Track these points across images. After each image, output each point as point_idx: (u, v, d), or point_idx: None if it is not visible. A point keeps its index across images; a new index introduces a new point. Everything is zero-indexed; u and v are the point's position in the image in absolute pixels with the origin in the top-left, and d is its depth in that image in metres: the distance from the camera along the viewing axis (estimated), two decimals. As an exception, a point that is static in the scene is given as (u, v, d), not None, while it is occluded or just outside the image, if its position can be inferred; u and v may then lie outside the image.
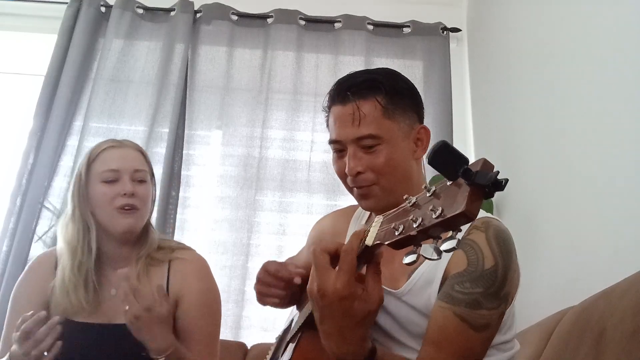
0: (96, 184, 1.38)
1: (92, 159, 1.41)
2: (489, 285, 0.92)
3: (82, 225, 1.38)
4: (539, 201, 1.84)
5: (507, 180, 0.58)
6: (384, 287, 1.00)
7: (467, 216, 0.58)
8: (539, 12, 1.96)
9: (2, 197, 2.45)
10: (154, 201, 1.50)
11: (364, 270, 0.82)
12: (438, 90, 2.65)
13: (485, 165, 0.59)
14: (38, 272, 1.41)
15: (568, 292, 1.52)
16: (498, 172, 0.58)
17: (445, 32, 2.79)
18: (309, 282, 0.81)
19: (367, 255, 0.79)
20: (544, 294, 1.70)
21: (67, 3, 2.73)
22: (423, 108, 1.15)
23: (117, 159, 1.40)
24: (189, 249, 1.52)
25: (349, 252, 0.78)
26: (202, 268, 1.47)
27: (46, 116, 2.53)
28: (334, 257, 0.80)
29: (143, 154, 1.48)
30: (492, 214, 2.14)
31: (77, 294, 1.34)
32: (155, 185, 1.51)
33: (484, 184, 0.57)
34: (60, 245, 1.40)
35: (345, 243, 0.80)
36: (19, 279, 1.45)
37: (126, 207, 1.36)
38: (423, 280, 0.98)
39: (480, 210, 1.05)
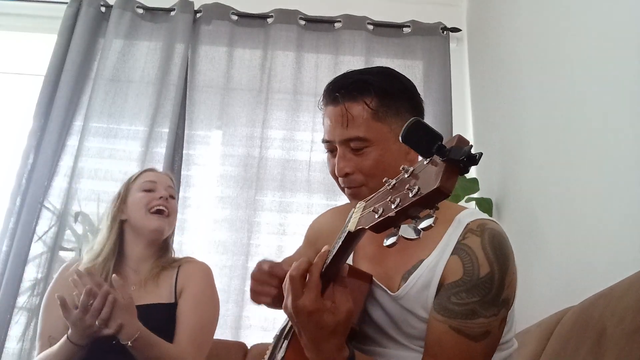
0: (136, 192, 1.65)
1: (132, 179, 1.71)
2: (486, 293, 0.91)
3: (115, 235, 1.63)
4: (539, 201, 1.84)
5: (481, 154, 0.58)
6: (380, 285, 1.01)
7: (443, 192, 0.59)
8: (539, 11, 1.96)
9: (2, 197, 2.45)
10: (175, 221, 1.73)
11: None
12: (438, 90, 2.65)
13: (460, 140, 0.59)
14: (67, 280, 1.53)
15: (568, 292, 1.52)
16: (472, 145, 0.58)
17: (445, 32, 2.79)
18: (284, 302, 0.89)
19: (334, 271, 0.86)
20: (544, 294, 1.70)
21: (67, 3, 2.73)
22: (422, 108, 1.13)
23: (154, 175, 1.72)
24: (196, 259, 1.75)
25: (313, 272, 0.85)
26: (205, 270, 1.68)
27: (46, 116, 2.53)
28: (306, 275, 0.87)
29: (173, 180, 1.78)
30: (491, 214, 2.17)
31: None
32: (176, 213, 1.75)
33: (458, 158, 0.57)
34: (91, 254, 1.62)
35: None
36: (50, 286, 1.65)
37: (159, 209, 1.62)
38: (420, 284, 0.97)
39: (477, 210, 1.06)
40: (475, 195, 2.32)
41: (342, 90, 1.06)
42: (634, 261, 1.18)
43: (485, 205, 2.20)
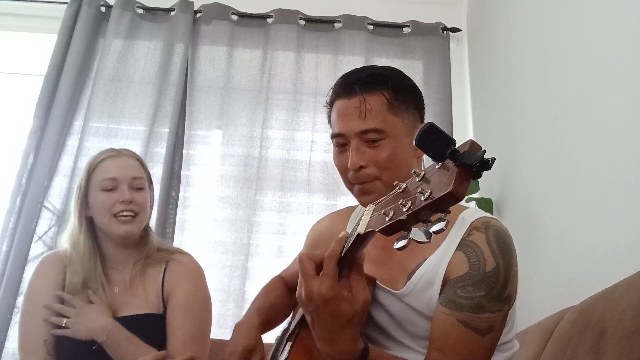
0: (96, 192, 1.47)
1: (91, 169, 1.50)
2: (491, 288, 0.92)
3: (86, 233, 1.49)
4: (539, 201, 1.84)
5: (494, 159, 0.58)
6: (384, 287, 1.01)
7: (455, 196, 0.59)
8: (539, 12, 1.96)
9: (2, 197, 2.44)
10: (152, 206, 1.59)
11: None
12: (438, 90, 2.65)
13: (473, 145, 0.60)
14: (49, 274, 1.48)
15: (568, 292, 1.52)
16: (485, 151, 0.58)
17: (445, 32, 2.79)
18: (297, 290, 0.84)
19: (351, 259, 0.83)
20: (544, 294, 1.70)
21: (67, 3, 2.73)
22: (424, 108, 1.15)
23: (115, 168, 1.49)
24: (186, 253, 1.61)
25: (332, 258, 0.81)
26: (194, 271, 1.55)
27: (46, 116, 2.53)
28: (320, 266, 0.83)
29: (141, 162, 1.56)
30: (491, 214, 2.16)
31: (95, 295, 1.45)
32: (153, 190, 1.60)
33: (471, 163, 0.58)
34: (70, 252, 1.49)
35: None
36: (30, 282, 1.51)
37: (124, 214, 1.45)
38: (423, 281, 0.98)
39: (480, 209, 1.06)
40: (475, 195, 2.32)
41: (359, 82, 1.06)
42: (634, 261, 1.19)
43: (485, 205, 2.20)
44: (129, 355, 1.35)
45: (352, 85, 1.06)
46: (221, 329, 2.23)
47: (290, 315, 1.36)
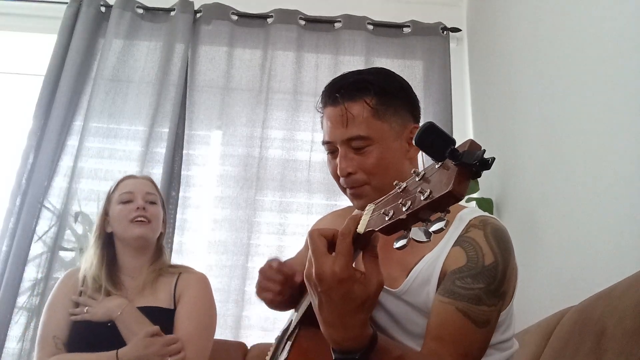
0: (115, 206, 1.68)
1: (111, 190, 1.74)
2: (490, 282, 0.92)
3: (102, 244, 1.67)
4: (539, 201, 1.84)
5: (493, 159, 0.58)
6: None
7: (455, 196, 0.59)
8: (539, 11, 1.96)
9: (2, 197, 2.45)
10: (165, 222, 1.76)
11: (361, 257, 0.81)
12: (438, 90, 2.65)
13: (473, 145, 0.59)
14: (67, 286, 1.65)
15: (568, 292, 1.52)
16: (484, 150, 0.58)
17: (445, 32, 2.79)
18: (306, 268, 0.78)
19: (363, 241, 0.77)
20: (544, 294, 1.70)
21: (67, 3, 2.74)
22: (418, 107, 1.14)
23: (131, 184, 1.72)
24: (197, 271, 1.79)
25: (346, 236, 0.76)
26: (204, 281, 1.72)
27: (46, 116, 2.53)
28: (331, 244, 0.78)
29: (153, 184, 1.79)
30: (491, 214, 2.16)
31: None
32: (166, 212, 1.78)
33: (471, 163, 0.57)
34: (84, 263, 1.69)
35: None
36: (54, 288, 1.68)
37: (139, 219, 1.64)
38: (421, 278, 0.98)
39: (478, 209, 1.06)
40: (475, 195, 2.33)
41: (341, 90, 1.07)
42: (634, 261, 1.19)
43: (485, 205, 2.20)
44: (138, 334, 1.49)
45: (334, 93, 1.07)
46: (221, 329, 2.22)
47: (289, 316, 1.36)
